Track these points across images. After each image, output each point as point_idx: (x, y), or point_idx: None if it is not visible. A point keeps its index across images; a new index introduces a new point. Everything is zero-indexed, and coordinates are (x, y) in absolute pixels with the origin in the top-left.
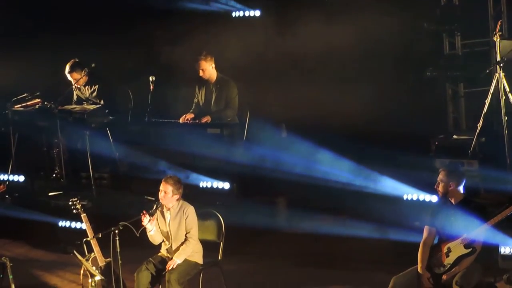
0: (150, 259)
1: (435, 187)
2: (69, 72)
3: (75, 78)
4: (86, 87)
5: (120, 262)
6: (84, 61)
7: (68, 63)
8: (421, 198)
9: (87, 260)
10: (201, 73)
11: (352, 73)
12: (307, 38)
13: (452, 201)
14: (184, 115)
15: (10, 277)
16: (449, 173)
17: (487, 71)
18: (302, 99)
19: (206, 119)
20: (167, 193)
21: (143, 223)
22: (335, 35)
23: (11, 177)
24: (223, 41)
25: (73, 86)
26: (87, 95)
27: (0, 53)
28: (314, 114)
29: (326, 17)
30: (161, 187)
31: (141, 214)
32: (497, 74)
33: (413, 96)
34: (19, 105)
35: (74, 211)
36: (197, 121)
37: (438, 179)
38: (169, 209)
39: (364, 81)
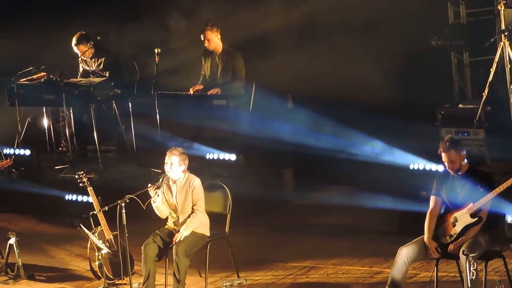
0: (157, 232)
1: (448, 168)
2: (76, 44)
3: (81, 50)
4: (93, 59)
5: (127, 235)
6: (90, 33)
7: (75, 36)
8: (427, 168)
9: (93, 233)
10: (206, 44)
11: (357, 43)
12: (312, 8)
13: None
14: (193, 86)
15: (17, 251)
16: (456, 150)
17: (492, 40)
18: (308, 69)
19: (216, 90)
20: (173, 164)
21: (150, 194)
22: (340, 3)
23: (17, 151)
24: (229, 12)
25: (79, 59)
26: (94, 67)
27: (5, 26)
28: (319, 84)
29: None
30: (166, 159)
31: (148, 187)
32: (502, 43)
33: (418, 66)
34: (25, 79)
35: (81, 184)
36: (206, 93)
37: (448, 159)
38: (175, 182)
39: (369, 51)
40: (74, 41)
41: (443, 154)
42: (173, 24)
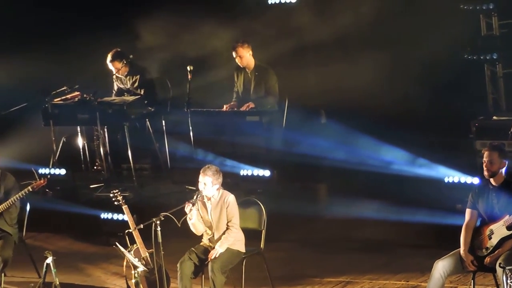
0: (193, 249)
1: (485, 166)
2: (111, 61)
3: (116, 67)
4: (128, 77)
5: (162, 252)
6: (124, 51)
7: (110, 52)
8: (462, 181)
9: (129, 251)
10: (238, 60)
11: (390, 56)
12: (345, 23)
13: (494, 183)
14: (228, 104)
15: (54, 270)
16: (500, 153)
17: None
18: (341, 84)
19: (250, 105)
20: (207, 184)
21: (186, 211)
22: (372, 16)
23: (52, 171)
24: (260, 28)
25: (114, 77)
26: (129, 85)
27: (39, 46)
28: (352, 99)
29: (363, 2)
30: (200, 178)
31: (185, 203)
32: None
33: (452, 78)
34: (59, 99)
35: (116, 203)
36: (240, 108)
37: (488, 159)
38: (209, 199)
39: (401, 64)
40: (109, 57)
41: (485, 153)
42: (205, 41)
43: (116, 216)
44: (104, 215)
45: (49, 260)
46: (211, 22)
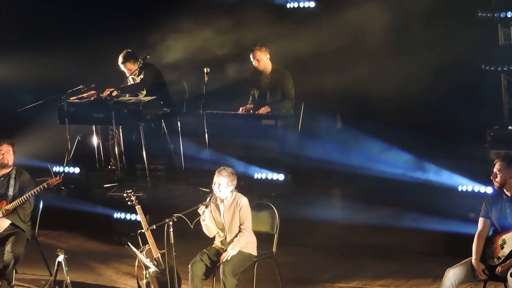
0: (204, 250)
1: (491, 177)
2: (122, 63)
3: (128, 68)
4: (139, 77)
5: (174, 253)
6: (137, 53)
7: (121, 54)
8: (476, 190)
9: (141, 252)
10: (256, 64)
11: (406, 64)
12: (362, 29)
13: (508, 193)
14: (244, 106)
15: (65, 269)
16: (508, 164)
17: None
18: (357, 90)
19: (266, 109)
20: (221, 185)
21: (199, 212)
22: (389, 25)
23: (66, 169)
24: (278, 33)
25: (129, 77)
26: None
27: (56, 45)
28: (368, 105)
29: (382, 8)
30: (215, 179)
31: (199, 206)
32: None
33: (467, 87)
34: (75, 97)
35: (129, 202)
36: (256, 112)
37: (495, 170)
38: (223, 201)
39: (417, 72)
40: (120, 59)
41: (496, 162)
42: (223, 44)
43: (129, 216)
44: (117, 215)
45: (61, 258)
46: (229, 24)
